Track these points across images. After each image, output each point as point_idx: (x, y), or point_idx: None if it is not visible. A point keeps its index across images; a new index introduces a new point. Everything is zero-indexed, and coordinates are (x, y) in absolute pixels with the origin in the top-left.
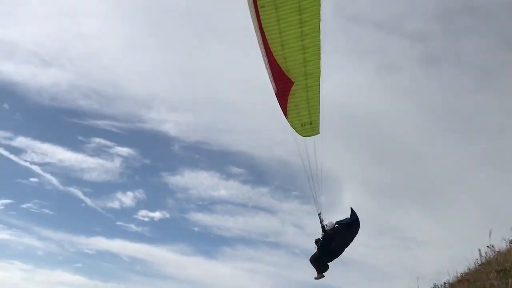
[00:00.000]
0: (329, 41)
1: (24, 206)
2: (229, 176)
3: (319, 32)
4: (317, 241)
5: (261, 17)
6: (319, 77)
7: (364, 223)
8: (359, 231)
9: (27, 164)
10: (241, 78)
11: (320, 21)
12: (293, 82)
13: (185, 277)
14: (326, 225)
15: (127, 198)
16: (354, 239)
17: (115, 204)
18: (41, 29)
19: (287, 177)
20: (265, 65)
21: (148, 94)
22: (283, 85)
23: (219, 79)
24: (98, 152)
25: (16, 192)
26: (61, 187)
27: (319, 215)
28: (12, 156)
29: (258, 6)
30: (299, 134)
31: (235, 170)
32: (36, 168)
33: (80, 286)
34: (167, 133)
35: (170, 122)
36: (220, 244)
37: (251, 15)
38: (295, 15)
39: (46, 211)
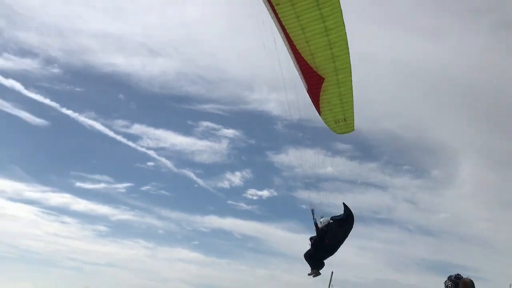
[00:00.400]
0: (436, 2)
1: (143, 188)
2: (335, 152)
3: (344, 26)
4: (311, 238)
5: (279, 15)
6: (350, 72)
7: (484, 196)
8: (353, 227)
9: (144, 150)
10: None
11: (342, 14)
12: (324, 79)
13: (297, 254)
14: (320, 222)
15: (235, 178)
16: (349, 235)
17: (225, 184)
18: (147, 21)
19: (397, 151)
20: (293, 62)
21: (250, 76)
22: (313, 82)
23: None
24: (206, 135)
25: (136, 176)
26: (175, 170)
27: (312, 211)
28: (130, 143)
29: (273, 4)
30: (333, 131)
31: (341, 146)
32: (151, 153)
33: (198, 263)
34: (270, 112)
35: (272, 102)
36: None
37: (269, 12)
38: (314, 10)
39: (164, 192)
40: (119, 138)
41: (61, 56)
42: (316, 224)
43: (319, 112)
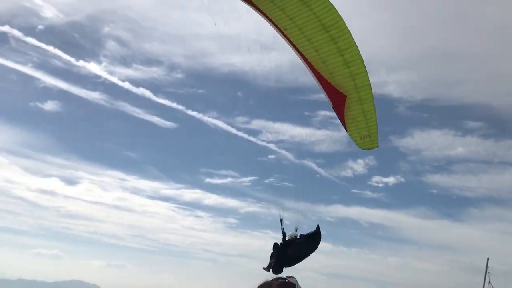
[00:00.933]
0: None
1: (267, 181)
2: (466, 131)
3: (356, 46)
4: (275, 245)
5: (290, 39)
6: (371, 89)
7: None
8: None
9: (264, 143)
10: (465, 24)
11: (352, 35)
12: (346, 96)
13: (429, 240)
14: (289, 234)
15: (358, 166)
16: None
17: (348, 173)
18: (257, 17)
19: None
20: (315, 80)
21: (365, 58)
22: (336, 99)
23: (440, 29)
24: (324, 124)
25: (259, 169)
26: (296, 161)
27: (281, 221)
28: (251, 138)
29: (282, 29)
30: (359, 146)
31: (472, 124)
32: (272, 146)
33: (327, 252)
34: (390, 95)
35: (392, 84)
36: (464, 206)
37: (281, 36)
38: (323, 33)
39: (287, 183)
40: (240, 134)
41: (183, 62)
42: (284, 233)
43: (346, 129)
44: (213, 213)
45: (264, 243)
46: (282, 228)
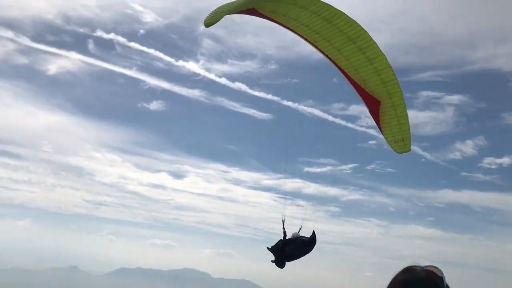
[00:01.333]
0: None
1: (368, 167)
2: None
3: (384, 55)
4: (278, 243)
5: (321, 49)
6: (402, 96)
7: None
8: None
9: (363, 129)
10: None
11: (378, 45)
12: (380, 101)
13: None
14: (292, 234)
15: (467, 147)
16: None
17: (456, 155)
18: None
19: None
20: (350, 86)
21: (469, 33)
22: (371, 104)
23: None
24: (428, 105)
25: (359, 155)
26: None
27: (283, 221)
28: (349, 124)
29: (312, 42)
30: (393, 150)
31: None
32: (372, 131)
33: (436, 239)
34: (501, 69)
35: (502, 56)
36: None
37: (312, 46)
38: (350, 44)
39: (389, 169)
40: (338, 121)
41: (275, 53)
42: (285, 232)
43: (381, 132)
44: (314, 202)
45: (368, 230)
46: (283, 228)
